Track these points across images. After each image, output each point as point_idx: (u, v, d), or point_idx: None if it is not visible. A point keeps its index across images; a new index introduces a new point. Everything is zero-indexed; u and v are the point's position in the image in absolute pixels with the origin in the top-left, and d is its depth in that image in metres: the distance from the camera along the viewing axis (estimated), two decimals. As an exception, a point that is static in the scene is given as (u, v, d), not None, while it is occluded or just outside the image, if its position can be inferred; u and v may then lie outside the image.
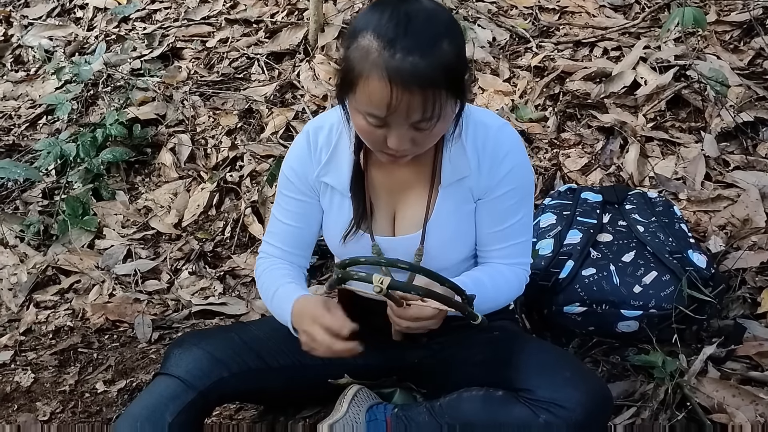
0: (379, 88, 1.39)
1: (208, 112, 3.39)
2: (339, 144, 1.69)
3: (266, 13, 3.87)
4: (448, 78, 1.40)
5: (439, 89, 1.39)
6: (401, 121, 1.43)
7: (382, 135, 1.48)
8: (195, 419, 1.69)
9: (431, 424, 1.66)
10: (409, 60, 1.36)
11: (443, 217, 1.67)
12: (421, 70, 1.36)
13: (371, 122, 1.46)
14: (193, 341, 1.73)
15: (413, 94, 1.38)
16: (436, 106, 1.41)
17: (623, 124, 2.83)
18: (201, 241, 2.91)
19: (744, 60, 3.04)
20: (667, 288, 1.95)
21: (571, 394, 1.53)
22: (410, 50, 1.36)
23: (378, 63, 1.38)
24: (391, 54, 1.37)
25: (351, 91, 1.46)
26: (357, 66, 1.41)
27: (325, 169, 1.70)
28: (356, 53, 1.42)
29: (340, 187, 1.70)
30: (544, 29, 3.46)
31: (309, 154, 1.72)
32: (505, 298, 1.78)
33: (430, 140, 1.53)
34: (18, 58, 4.15)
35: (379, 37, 1.38)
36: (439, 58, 1.38)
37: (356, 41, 1.42)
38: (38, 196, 3.24)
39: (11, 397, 2.26)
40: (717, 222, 2.40)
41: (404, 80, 1.37)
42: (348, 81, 1.45)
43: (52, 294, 2.77)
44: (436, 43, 1.39)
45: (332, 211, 1.74)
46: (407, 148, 1.49)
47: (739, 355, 1.94)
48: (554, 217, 2.21)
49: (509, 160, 1.64)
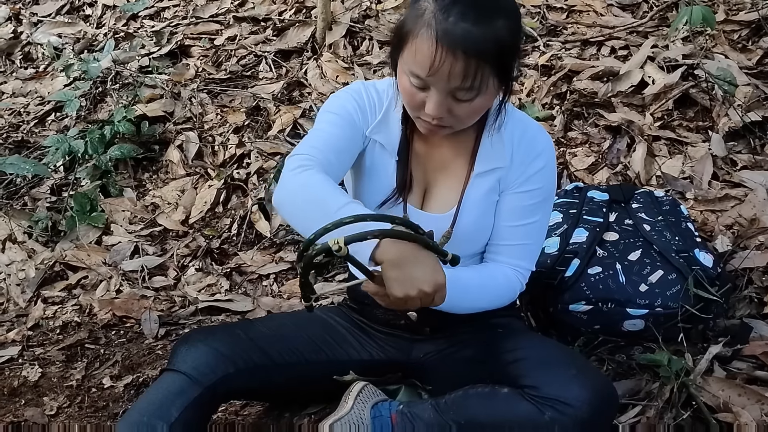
0: (426, 46, 1.42)
1: (215, 110, 3.40)
2: (389, 108, 1.71)
3: (274, 11, 3.88)
4: (496, 54, 1.42)
5: (484, 62, 1.42)
6: (441, 86, 1.45)
7: (422, 99, 1.50)
8: (201, 415, 1.69)
9: (436, 420, 1.66)
10: (460, 25, 1.39)
11: (471, 204, 1.69)
12: (470, 37, 1.39)
13: (414, 83, 1.49)
14: (199, 337, 1.73)
15: (456, 59, 1.40)
16: (477, 77, 1.43)
17: (630, 123, 2.82)
18: (208, 237, 2.92)
19: (752, 59, 3.02)
20: (674, 287, 1.95)
21: (577, 391, 1.52)
22: (464, 16, 1.40)
23: (430, 22, 1.41)
24: (444, 17, 1.40)
25: (401, 49, 1.49)
26: (410, 24, 1.46)
27: (378, 128, 1.71)
28: (413, 12, 1.46)
29: (390, 147, 1.71)
30: (551, 28, 3.46)
31: (368, 103, 1.71)
32: (491, 302, 1.73)
33: (468, 116, 1.54)
34: (27, 55, 4.17)
35: (437, 1, 1.42)
36: (492, 31, 1.41)
37: (417, 3, 1.46)
38: (46, 193, 3.26)
39: (19, 392, 2.27)
40: (724, 221, 2.40)
41: (450, 43, 1.40)
42: (399, 38, 1.49)
43: (59, 290, 2.78)
44: (492, 17, 1.41)
45: (375, 171, 1.73)
46: (444, 118, 1.51)
47: (745, 355, 1.93)
48: (560, 216, 2.21)
49: (541, 159, 1.67)
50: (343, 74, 3.41)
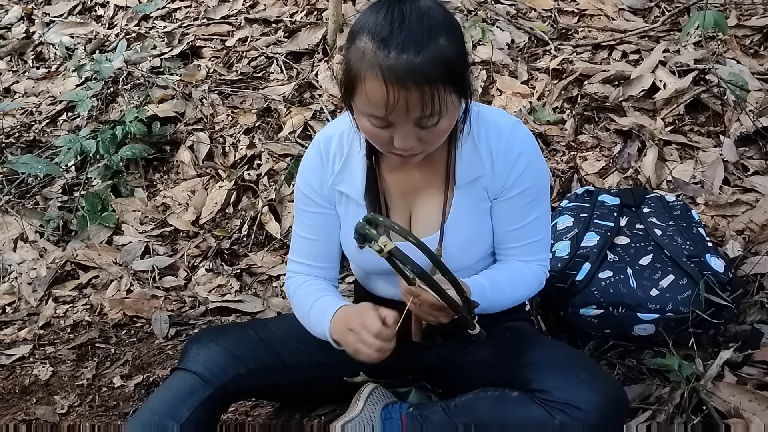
0: (376, 88, 1.39)
1: (226, 111, 3.41)
2: (351, 151, 1.69)
3: (285, 12, 3.88)
4: (446, 73, 1.40)
5: (436, 84, 1.39)
6: (403, 120, 1.44)
7: (388, 135, 1.48)
8: (211, 415, 1.70)
9: (446, 423, 1.66)
10: (403, 57, 1.37)
11: (460, 217, 1.68)
12: (415, 66, 1.37)
13: (375, 123, 1.47)
14: (211, 337, 1.74)
15: (410, 91, 1.38)
16: (435, 101, 1.41)
17: (641, 128, 2.82)
18: (218, 238, 2.93)
19: (764, 65, 3.02)
20: (684, 292, 1.95)
21: (587, 395, 1.53)
22: (404, 47, 1.37)
23: (373, 63, 1.39)
24: (385, 53, 1.38)
25: (352, 94, 1.47)
26: (354, 68, 1.43)
27: (340, 178, 1.70)
28: (354, 55, 1.43)
29: (355, 196, 1.69)
30: (562, 32, 3.46)
31: (322, 164, 1.71)
32: (522, 296, 1.78)
33: (437, 138, 1.52)
34: (39, 55, 4.18)
35: (373, 38, 1.40)
36: (435, 53, 1.38)
37: (353, 43, 1.44)
38: (58, 192, 3.27)
39: (30, 390, 2.28)
40: (735, 227, 2.40)
41: (399, 78, 1.37)
42: (348, 84, 1.46)
43: (70, 289, 2.80)
44: (431, 39, 1.39)
45: (348, 220, 1.73)
46: (414, 147, 1.50)
47: (756, 360, 1.93)
48: (571, 220, 2.21)
49: (523, 160, 1.64)
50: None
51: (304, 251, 1.80)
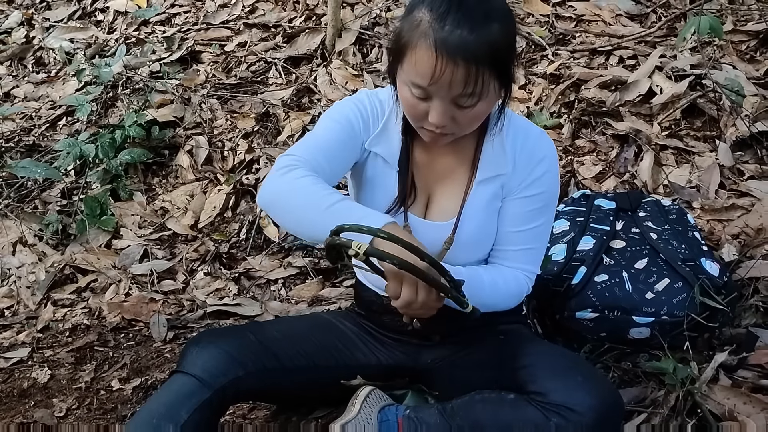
0: (425, 57, 1.43)
1: (225, 115, 3.43)
2: (389, 119, 1.72)
3: (284, 17, 3.90)
4: (494, 57, 1.44)
5: (484, 66, 1.43)
6: (443, 94, 1.47)
7: (425, 109, 1.51)
8: (210, 417, 1.69)
9: (442, 425, 1.66)
10: (457, 33, 1.41)
11: (474, 211, 1.70)
12: (468, 43, 1.41)
13: (415, 93, 1.50)
14: (209, 340, 1.74)
15: (457, 66, 1.42)
16: (478, 82, 1.44)
17: (638, 132, 2.84)
18: (217, 242, 2.94)
19: (760, 70, 3.04)
20: (680, 295, 1.96)
21: (583, 398, 1.53)
22: (460, 24, 1.41)
23: (427, 33, 1.43)
24: (440, 26, 1.42)
25: (399, 62, 1.50)
26: (407, 35, 1.47)
27: (377, 140, 1.72)
28: (408, 24, 1.47)
29: (390, 159, 1.72)
30: (560, 37, 3.48)
31: (370, 112, 1.72)
32: (501, 300, 1.74)
33: (472, 121, 1.55)
34: (39, 60, 4.20)
35: (431, 11, 1.44)
36: (488, 36, 1.42)
37: (411, 14, 1.48)
38: (57, 196, 3.28)
39: (28, 393, 2.29)
40: (731, 231, 2.41)
41: (449, 51, 1.41)
42: (397, 50, 1.50)
43: (69, 292, 2.81)
44: (486, 22, 1.43)
45: (376, 182, 1.74)
46: (447, 125, 1.52)
47: (750, 364, 1.94)
48: (568, 223, 2.22)
49: (544, 164, 1.68)
50: (353, 81, 3.43)
51: (317, 145, 1.65)
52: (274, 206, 1.60)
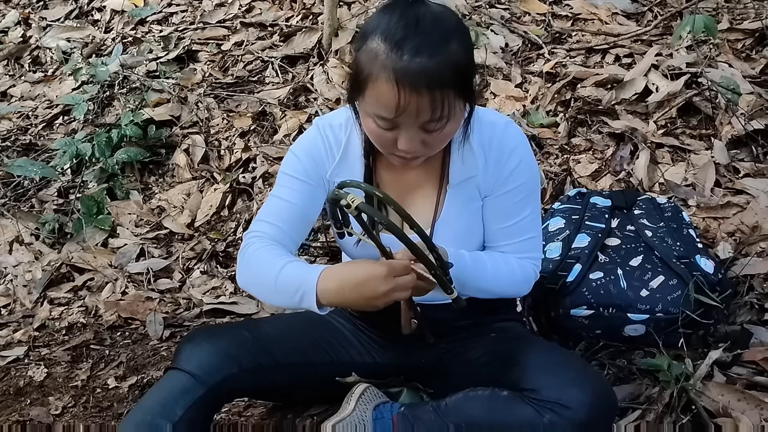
0: (388, 90, 1.40)
1: (222, 114, 3.43)
2: (349, 143, 1.70)
3: (281, 17, 3.90)
4: (457, 78, 1.42)
5: (448, 89, 1.41)
6: (411, 122, 1.45)
7: (393, 137, 1.49)
8: (205, 415, 1.70)
9: (437, 423, 1.67)
10: (416, 61, 1.38)
11: (452, 215, 1.69)
12: (429, 70, 1.38)
13: (381, 125, 1.48)
14: (205, 337, 1.73)
15: (421, 95, 1.39)
16: (444, 106, 1.42)
17: (634, 131, 2.84)
18: (213, 241, 2.94)
19: (756, 68, 3.04)
20: (674, 292, 1.96)
21: (576, 394, 1.54)
22: (418, 50, 1.38)
23: (386, 65, 1.39)
24: (398, 55, 1.38)
25: (361, 94, 1.47)
26: (366, 68, 1.43)
27: (338, 169, 1.71)
28: (365, 56, 1.44)
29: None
30: (556, 36, 3.48)
31: (324, 147, 1.71)
32: (505, 286, 1.73)
33: (441, 141, 1.54)
34: (36, 59, 4.20)
35: (387, 39, 1.40)
36: (447, 58, 1.39)
37: (365, 44, 1.44)
38: (54, 195, 3.28)
39: (24, 391, 2.29)
40: (726, 228, 2.41)
41: (412, 81, 1.38)
42: (358, 84, 1.47)
43: (65, 291, 2.81)
44: (444, 44, 1.40)
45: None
46: (418, 150, 1.51)
47: (745, 360, 1.94)
48: (563, 221, 2.23)
49: (515, 156, 1.66)
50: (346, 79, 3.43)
51: (279, 212, 1.70)
52: (247, 286, 1.68)
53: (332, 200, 1.46)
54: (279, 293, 1.57)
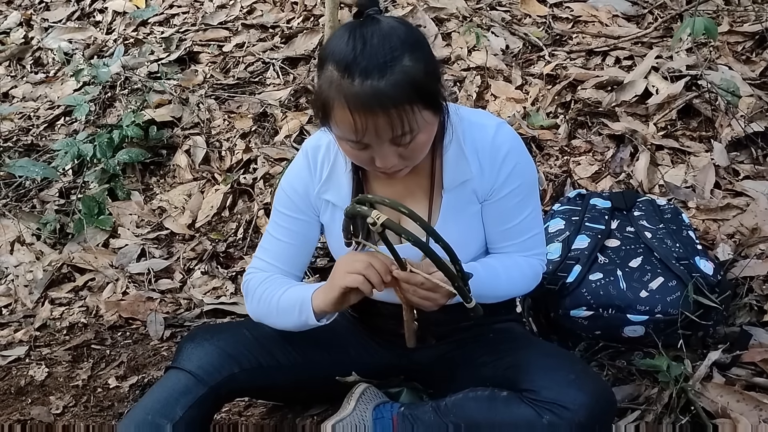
0: (343, 116, 1.41)
1: (223, 115, 3.44)
2: (337, 160, 1.69)
3: (282, 18, 3.91)
4: (413, 92, 1.40)
5: (403, 105, 1.39)
6: (378, 142, 1.44)
7: (369, 156, 1.49)
8: (205, 414, 1.71)
9: (437, 423, 1.68)
10: (367, 84, 1.37)
11: (449, 220, 1.68)
12: (379, 91, 1.37)
13: (353, 146, 1.48)
14: (205, 336, 1.74)
15: (377, 116, 1.39)
16: (404, 122, 1.41)
17: (634, 133, 2.84)
18: (214, 241, 2.94)
19: (756, 71, 3.04)
20: (674, 293, 1.97)
21: (575, 395, 1.54)
22: (368, 73, 1.37)
23: (339, 91, 1.39)
24: (349, 81, 1.38)
25: (327, 119, 1.47)
26: (323, 95, 1.43)
27: (326, 186, 1.71)
28: (323, 82, 1.44)
29: (341, 204, 1.68)
30: (557, 38, 3.49)
31: (309, 171, 1.72)
32: (519, 286, 1.76)
33: (419, 151, 1.52)
34: (38, 60, 4.21)
35: (338, 65, 1.40)
36: (400, 74, 1.38)
37: (322, 71, 1.44)
38: (55, 195, 3.29)
39: (25, 391, 2.30)
40: (726, 230, 2.42)
41: (364, 105, 1.38)
42: (321, 110, 1.47)
43: (66, 291, 2.81)
44: (395, 59, 1.38)
45: (335, 228, 1.71)
46: (397, 164, 1.50)
47: (744, 362, 1.95)
48: (563, 222, 2.23)
49: (510, 159, 1.64)
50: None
51: (275, 253, 1.78)
52: (258, 318, 1.77)
53: (351, 215, 1.48)
54: (284, 317, 1.69)
